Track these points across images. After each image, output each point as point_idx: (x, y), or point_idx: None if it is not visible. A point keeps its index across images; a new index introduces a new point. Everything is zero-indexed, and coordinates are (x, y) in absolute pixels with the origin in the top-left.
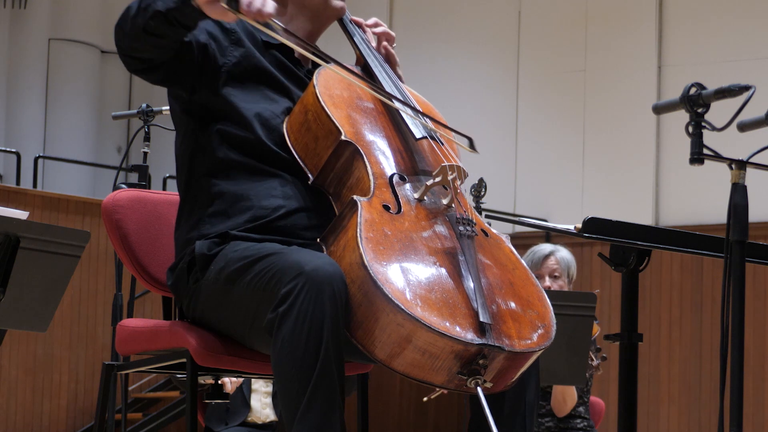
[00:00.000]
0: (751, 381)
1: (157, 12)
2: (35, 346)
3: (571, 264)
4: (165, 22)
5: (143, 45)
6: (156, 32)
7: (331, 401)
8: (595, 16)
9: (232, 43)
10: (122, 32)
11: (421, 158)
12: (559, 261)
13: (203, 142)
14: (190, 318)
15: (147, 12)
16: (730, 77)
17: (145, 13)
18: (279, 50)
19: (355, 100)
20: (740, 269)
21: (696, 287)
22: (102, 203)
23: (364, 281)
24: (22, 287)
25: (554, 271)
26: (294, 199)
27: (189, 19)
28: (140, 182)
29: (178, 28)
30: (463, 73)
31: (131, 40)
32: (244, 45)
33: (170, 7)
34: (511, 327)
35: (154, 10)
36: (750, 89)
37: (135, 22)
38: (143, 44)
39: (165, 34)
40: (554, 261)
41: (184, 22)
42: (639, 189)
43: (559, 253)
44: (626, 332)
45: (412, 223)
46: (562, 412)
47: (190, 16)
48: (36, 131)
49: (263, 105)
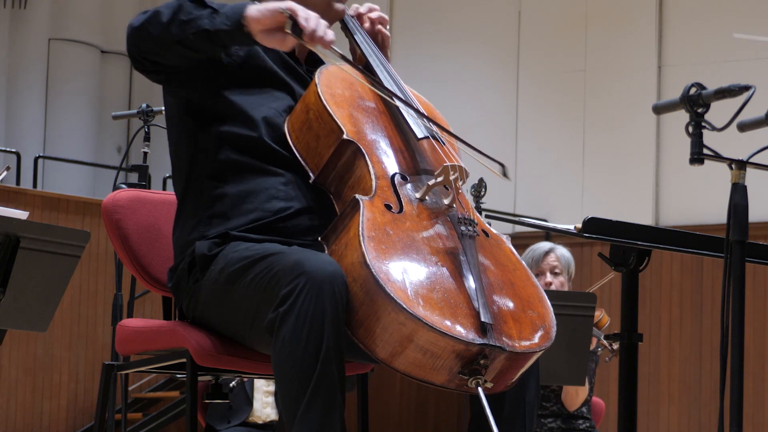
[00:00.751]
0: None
1: (203, 30)
2: (35, 346)
3: (570, 261)
4: (207, 41)
5: (170, 53)
6: (192, 47)
7: (332, 401)
8: (595, 16)
9: None
10: (147, 35)
11: (423, 158)
12: (559, 258)
13: (203, 143)
14: (190, 318)
15: (189, 26)
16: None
17: (185, 26)
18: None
19: (356, 99)
20: (740, 269)
21: (696, 287)
22: (102, 203)
23: (366, 280)
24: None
25: (555, 267)
26: (296, 200)
27: (237, 42)
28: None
29: (218, 47)
30: (463, 73)
31: (157, 45)
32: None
33: (220, 29)
34: (512, 327)
35: (200, 27)
36: (750, 89)
37: (169, 31)
38: (170, 52)
39: (201, 50)
40: (554, 258)
41: (230, 44)
42: (639, 189)
43: (558, 250)
44: (626, 332)
45: (413, 222)
46: (574, 406)
47: (239, 41)
48: (36, 131)
49: (268, 104)
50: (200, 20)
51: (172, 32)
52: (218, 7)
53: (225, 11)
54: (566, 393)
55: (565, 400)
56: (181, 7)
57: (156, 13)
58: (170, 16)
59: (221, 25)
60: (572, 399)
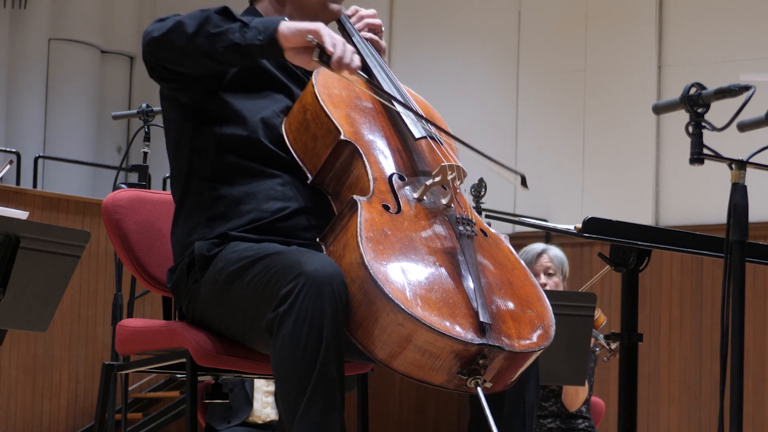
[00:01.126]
0: (751, 381)
1: (234, 44)
2: (35, 346)
3: (564, 261)
4: (237, 54)
5: (193, 64)
6: (219, 59)
7: (331, 401)
8: (595, 16)
9: None
10: (169, 45)
11: (421, 158)
12: (552, 258)
13: (201, 146)
14: (190, 318)
15: (220, 39)
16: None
17: (214, 39)
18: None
19: (354, 100)
20: (740, 269)
21: (696, 287)
22: (102, 203)
23: (364, 281)
24: (22, 287)
25: (548, 268)
26: (294, 200)
27: (266, 57)
28: (140, 182)
29: (247, 60)
30: (463, 73)
31: (180, 55)
32: None
33: (252, 43)
34: (511, 327)
35: (231, 41)
36: (750, 89)
37: (194, 42)
38: (193, 63)
39: (227, 62)
40: (547, 258)
41: (259, 58)
42: (639, 189)
43: (551, 250)
44: (626, 332)
45: (411, 222)
46: (574, 406)
47: (269, 55)
48: (36, 131)
49: (265, 105)
50: (231, 33)
51: (198, 43)
52: (247, 21)
53: (256, 25)
54: (566, 393)
55: (565, 400)
56: (208, 19)
57: (179, 24)
58: (196, 27)
59: (254, 39)
60: (572, 399)
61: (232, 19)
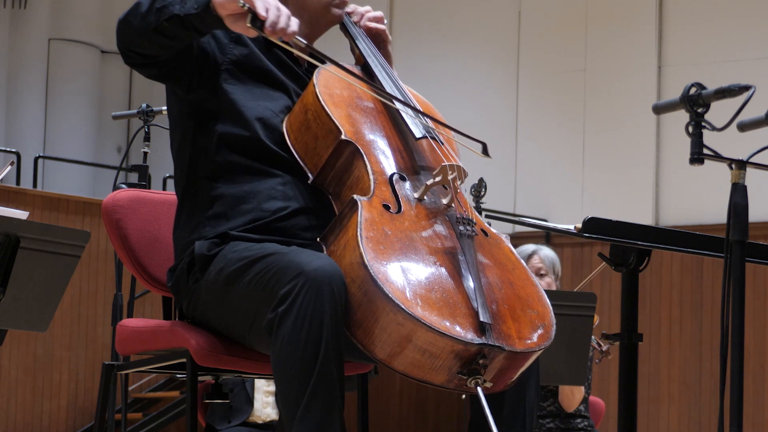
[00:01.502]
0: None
1: (174, 15)
2: (35, 346)
3: (555, 261)
4: (181, 26)
5: (149, 43)
6: (168, 34)
7: (331, 401)
8: (595, 16)
9: (232, 40)
10: (129, 27)
11: (421, 158)
12: (543, 259)
13: (202, 144)
14: (190, 318)
15: (162, 13)
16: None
17: (159, 14)
18: (280, 48)
19: (354, 100)
20: (740, 269)
21: (696, 287)
22: (102, 203)
23: (364, 281)
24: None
25: (540, 269)
26: (294, 200)
27: (207, 26)
28: (140, 182)
29: (192, 32)
30: (463, 73)
31: (138, 36)
32: (244, 43)
33: (190, 13)
34: (511, 327)
35: (171, 13)
36: (750, 89)
37: (146, 20)
38: (150, 42)
39: (177, 37)
40: (538, 260)
41: (201, 29)
42: (639, 189)
43: (542, 251)
44: (626, 332)
45: (412, 222)
46: (571, 407)
47: (210, 25)
48: (36, 131)
49: (264, 105)
50: (172, 6)
51: (149, 21)
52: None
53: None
54: (562, 394)
55: (562, 401)
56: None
57: (137, 5)
58: (148, 5)
59: (190, 9)
60: (569, 400)
61: None
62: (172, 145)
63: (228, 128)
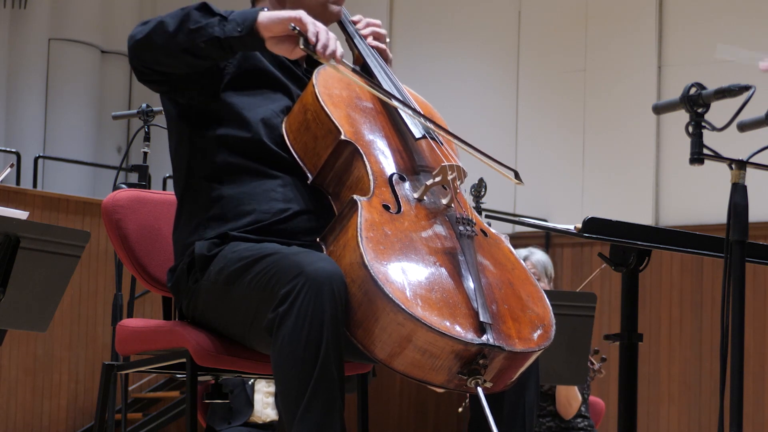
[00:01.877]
0: (751, 381)
1: (214, 38)
2: (35, 346)
3: (547, 265)
4: (218, 47)
5: (176, 61)
6: (201, 54)
7: (331, 401)
8: (595, 16)
9: None
10: (152, 46)
11: (421, 158)
12: (535, 264)
13: (201, 146)
14: (190, 318)
15: (199, 35)
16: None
17: (195, 35)
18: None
19: (354, 100)
20: (740, 269)
21: (696, 287)
22: (102, 203)
23: (364, 281)
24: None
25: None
26: (294, 202)
27: (247, 48)
28: (140, 182)
29: (228, 53)
30: (463, 73)
31: (164, 55)
32: None
33: (232, 35)
34: (511, 327)
35: (211, 35)
36: (750, 89)
37: (175, 40)
38: (177, 61)
39: (209, 57)
40: (530, 265)
41: (239, 50)
42: (639, 189)
43: (534, 256)
44: (626, 332)
45: (411, 222)
46: (569, 414)
47: (251, 47)
48: (36, 131)
49: (266, 107)
50: (210, 28)
51: (179, 41)
52: (226, 14)
53: (234, 18)
54: (560, 403)
55: (560, 410)
56: (188, 16)
57: (160, 23)
58: (177, 25)
59: (233, 32)
60: (565, 409)
61: (211, 13)
62: (170, 147)
63: (229, 130)
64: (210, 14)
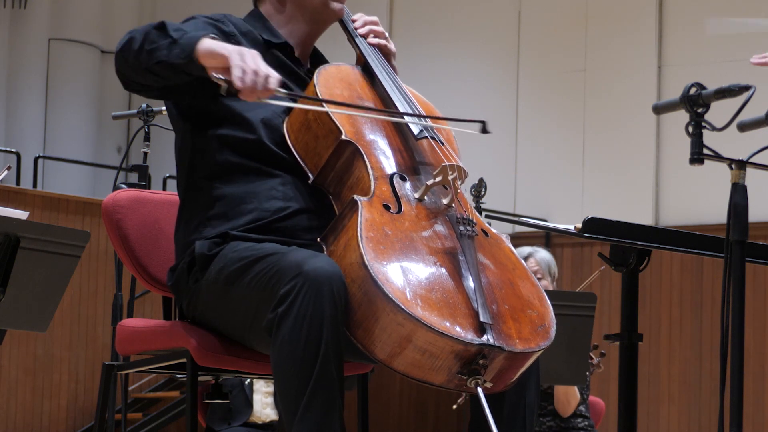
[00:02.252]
0: (751, 381)
1: (162, 61)
2: (35, 346)
3: (551, 263)
4: (170, 69)
5: (144, 78)
6: (160, 74)
7: (331, 401)
8: (595, 16)
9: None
10: (124, 61)
11: (422, 158)
12: (539, 262)
13: (201, 145)
14: (190, 318)
15: (152, 56)
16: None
17: (150, 56)
18: (279, 49)
19: (355, 99)
20: (740, 269)
21: (696, 287)
22: (102, 203)
23: (364, 281)
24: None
25: (536, 272)
26: (294, 200)
27: (196, 73)
28: (140, 182)
29: (182, 75)
30: (463, 73)
31: (132, 71)
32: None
33: (175, 62)
34: (511, 327)
35: (159, 59)
36: (750, 89)
37: (138, 59)
38: (144, 78)
39: (168, 77)
40: (534, 263)
41: (191, 73)
42: (639, 189)
43: (538, 254)
44: (626, 332)
45: (412, 222)
46: (567, 412)
47: (197, 71)
48: (36, 131)
49: (267, 107)
50: (159, 51)
51: (141, 60)
52: (178, 37)
53: (182, 42)
54: (558, 400)
55: (558, 407)
56: (147, 36)
57: (130, 40)
58: (140, 43)
59: (176, 58)
60: (564, 406)
61: (165, 35)
62: (175, 146)
63: (230, 130)
64: (164, 36)
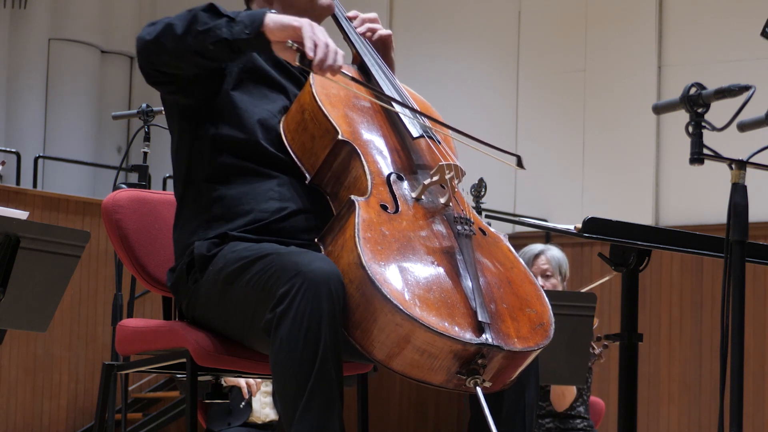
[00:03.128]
0: (751, 381)
1: (222, 39)
2: (35, 346)
3: (562, 262)
4: (227, 49)
5: (185, 63)
6: (211, 56)
7: (330, 401)
8: (595, 16)
9: None
10: (161, 48)
11: (419, 157)
12: (549, 260)
13: (199, 147)
14: (190, 318)
15: (208, 36)
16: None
17: (203, 36)
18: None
19: (351, 99)
20: (740, 269)
21: (696, 287)
22: (102, 203)
23: (362, 281)
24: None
25: (545, 270)
26: (292, 201)
27: (255, 50)
28: (140, 182)
29: (237, 55)
30: (463, 73)
31: (172, 57)
32: None
33: (240, 38)
34: (510, 326)
35: (219, 37)
36: (750, 89)
37: (184, 42)
38: (185, 63)
39: (218, 58)
40: (545, 260)
41: (247, 51)
42: (639, 189)
43: (549, 252)
44: (626, 332)
45: (409, 222)
46: (562, 406)
47: (257, 49)
48: (36, 131)
49: (263, 108)
50: (218, 29)
51: (189, 43)
52: (233, 15)
53: (242, 19)
54: (553, 394)
55: (553, 400)
56: (196, 18)
57: (169, 26)
58: (185, 27)
59: (240, 34)
60: (559, 399)
61: (218, 15)
62: (171, 148)
63: (226, 131)
64: (217, 15)
